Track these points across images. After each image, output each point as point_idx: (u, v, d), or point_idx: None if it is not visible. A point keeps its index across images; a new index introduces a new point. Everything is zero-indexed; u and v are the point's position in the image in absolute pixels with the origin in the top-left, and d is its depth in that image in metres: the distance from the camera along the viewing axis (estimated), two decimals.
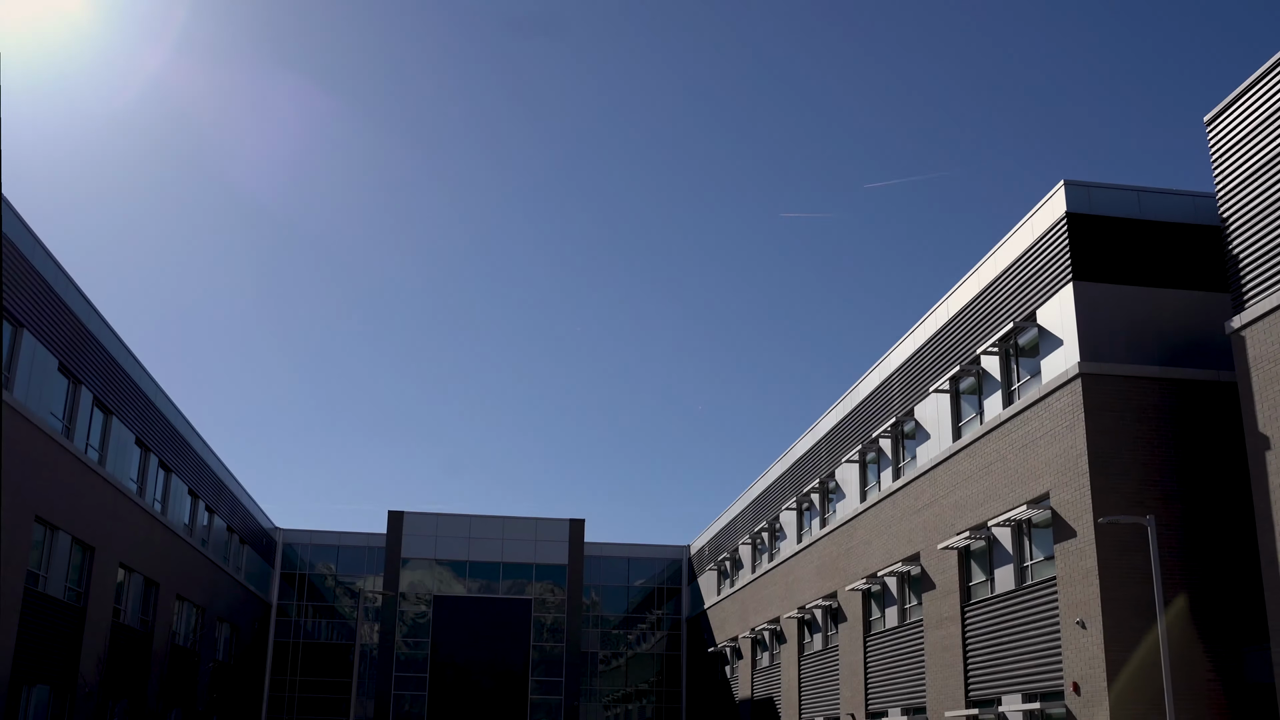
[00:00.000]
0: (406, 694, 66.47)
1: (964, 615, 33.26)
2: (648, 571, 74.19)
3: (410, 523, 68.93)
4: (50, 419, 34.09)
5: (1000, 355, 32.26)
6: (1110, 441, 27.32)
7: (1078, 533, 27.27)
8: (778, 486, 53.14)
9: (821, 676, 45.71)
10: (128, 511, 41.05)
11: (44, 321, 33.32)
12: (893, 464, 39.72)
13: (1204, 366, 28.50)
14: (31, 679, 33.42)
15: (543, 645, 68.43)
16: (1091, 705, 26.19)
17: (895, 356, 39.79)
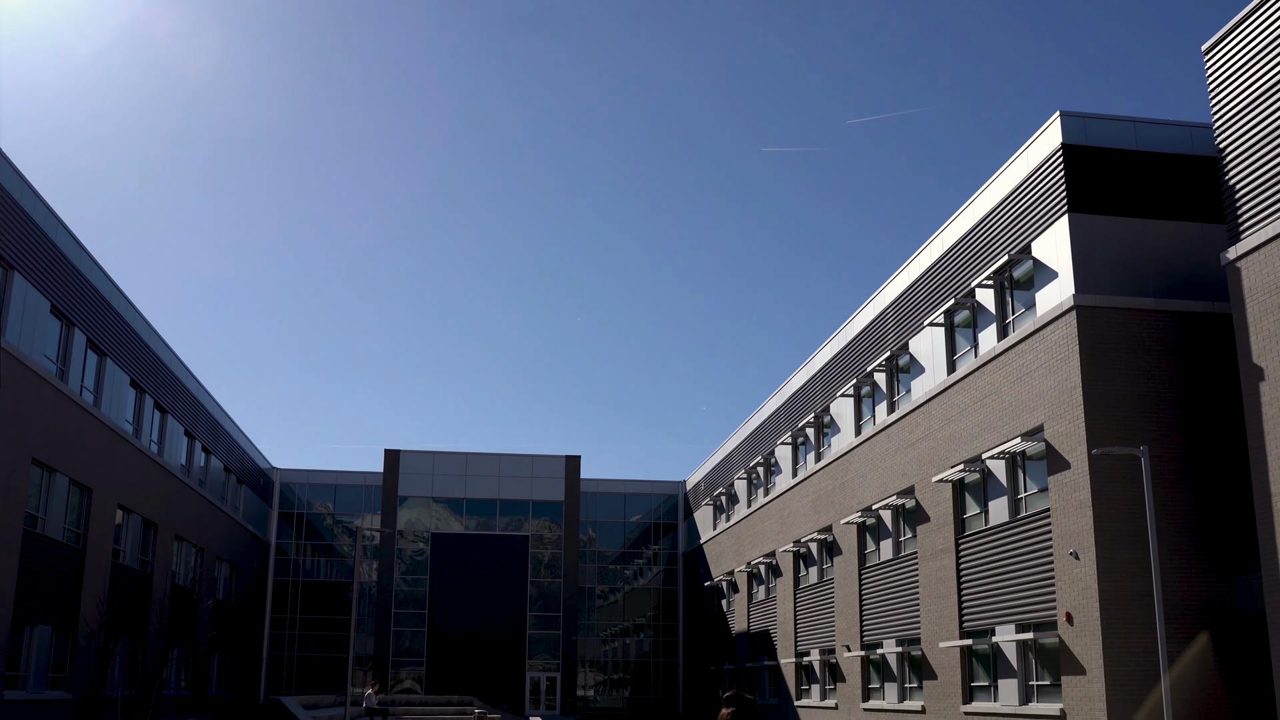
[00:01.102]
0: (406, 630, 67.09)
1: (958, 547, 33.52)
2: (644, 507, 74.63)
3: (406, 461, 69.16)
4: (44, 361, 34.03)
5: (995, 288, 32.22)
6: (1105, 374, 27.38)
7: (1072, 465, 27.40)
8: (772, 422, 53.31)
9: (817, 609, 46.16)
10: (124, 453, 41.12)
11: (35, 263, 33.14)
12: (887, 398, 39.82)
13: (1200, 298, 28.48)
14: (33, 619, 33.65)
15: (540, 581, 68.98)
16: (1084, 635, 26.47)
17: (889, 290, 39.74)
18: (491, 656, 66.67)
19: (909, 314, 37.89)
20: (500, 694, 64.64)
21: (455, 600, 67.19)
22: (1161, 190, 29.33)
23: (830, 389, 45.39)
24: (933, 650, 34.54)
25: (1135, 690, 25.53)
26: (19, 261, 31.94)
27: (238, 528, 60.72)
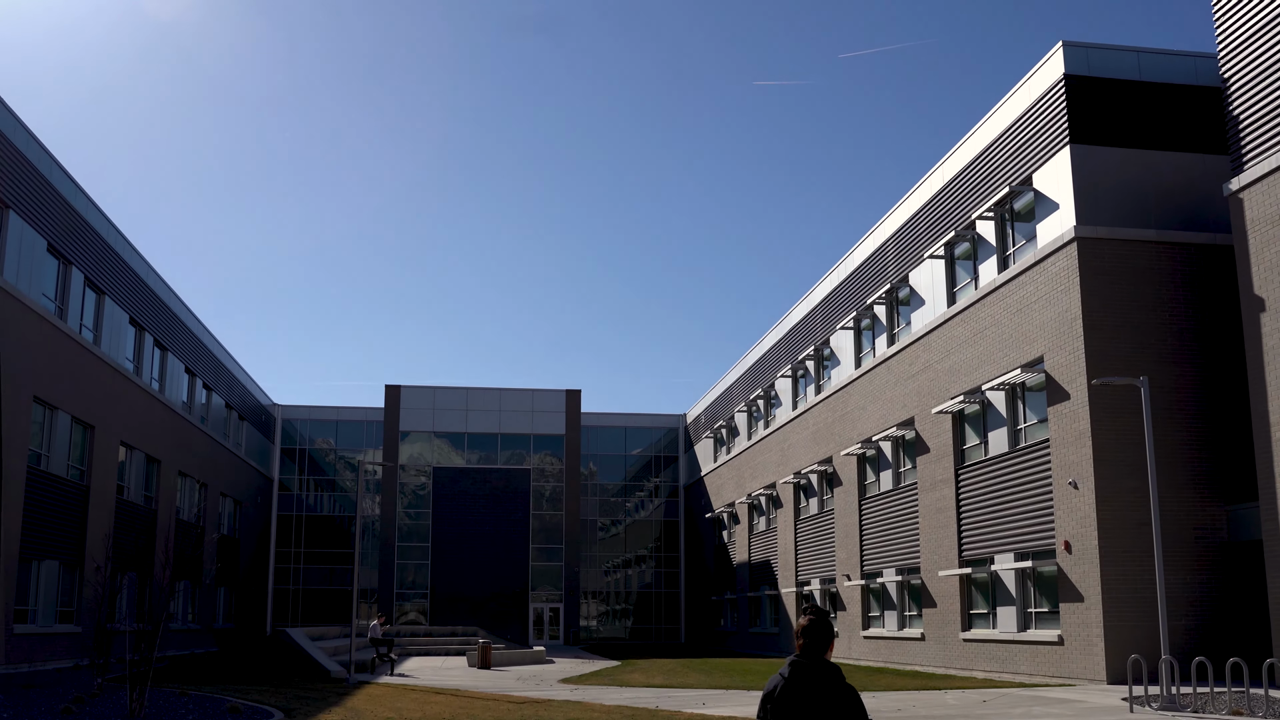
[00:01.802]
0: (410, 563, 67.66)
1: (958, 478, 33.71)
2: (645, 440, 74.92)
3: (407, 396, 69.30)
4: (43, 300, 34.01)
5: (996, 220, 32.10)
6: (1105, 305, 27.36)
7: (1071, 395, 27.48)
8: (773, 355, 53.37)
9: (817, 539, 46.52)
10: (125, 390, 41.23)
11: (30, 202, 33.02)
12: (887, 330, 39.83)
13: (1202, 230, 28.39)
14: (41, 555, 33.95)
15: (542, 514, 69.43)
16: (1082, 563, 26.70)
17: (890, 223, 39.61)
18: (495, 588, 67.24)
19: (909, 247, 37.79)
20: (504, 625, 65.26)
21: (458, 533, 67.61)
22: (1164, 121, 29.13)
23: (830, 322, 45.39)
24: (932, 579, 34.86)
25: (1132, 616, 25.81)
26: (14, 200, 31.81)
27: (240, 464, 61.03)
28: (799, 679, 5.86)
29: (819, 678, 5.84)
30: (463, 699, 24.79)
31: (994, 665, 30.71)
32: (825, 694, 5.81)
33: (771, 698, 5.89)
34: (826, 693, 5.81)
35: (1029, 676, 28.79)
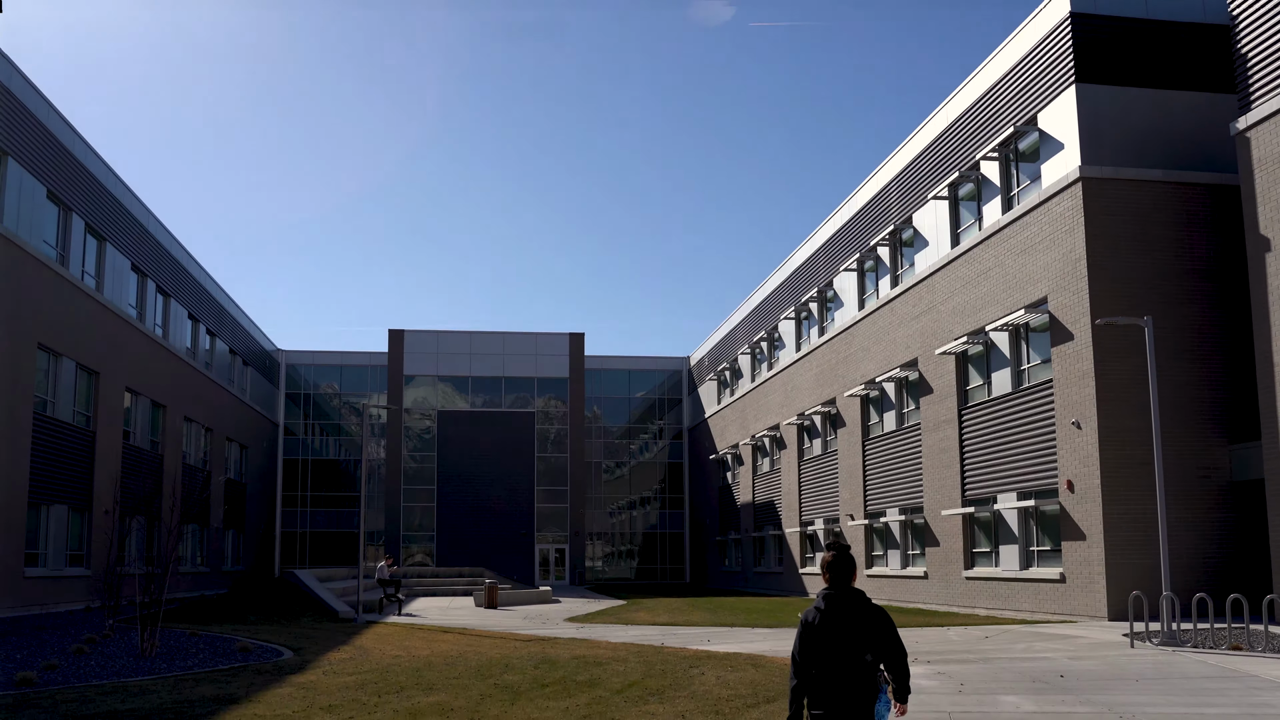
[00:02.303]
0: (416, 506, 68.03)
1: (961, 418, 33.79)
2: (648, 383, 75.02)
3: (411, 341, 69.33)
4: (44, 247, 33.98)
5: (1000, 160, 31.92)
6: (1110, 245, 27.28)
7: (1075, 336, 27.47)
8: (776, 296, 53.30)
9: (821, 480, 46.72)
10: (129, 337, 41.29)
11: (28, 148, 32.89)
12: (891, 271, 39.74)
13: (1207, 169, 28.23)
14: (49, 499, 34.19)
15: (547, 457, 69.69)
16: (1085, 502, 26.83)
17: (894, 164, 39.39)
18: (501, 530, 67.61)
19: (913, 188, 37.60)
20: (510, 566, 65.68)
21: (463, 476, 67.90)
22: (1171, 60, 28.86)
23: (834, 263, 45.28)
24: (935, 518, 35.05)
25: (1133, 555, 25.98)
26: (12, 147, 31.69)
27: (246, 409, 61.22)
28: (833, 608, 6.54)
29: (850, 604, 6.52)
30: (470, 637, 25.06)
31: (996, 603, 30.96)
32: (858, 616, 6.49)
33: (811, 627, 6.53)
34: (859, 615, 6.50)
35: (1031, 614, 29.03)
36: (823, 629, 6.49)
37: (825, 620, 6.51)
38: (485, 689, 15.09)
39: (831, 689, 6.42)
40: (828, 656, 6.46)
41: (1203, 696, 13.72)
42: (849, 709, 6.38)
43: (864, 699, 6.41)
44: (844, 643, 6.43)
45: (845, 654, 6.42)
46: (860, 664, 6.43)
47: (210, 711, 13.04)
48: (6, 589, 31.06)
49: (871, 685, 6.46)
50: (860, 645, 6.45)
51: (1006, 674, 16.14)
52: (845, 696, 6.39)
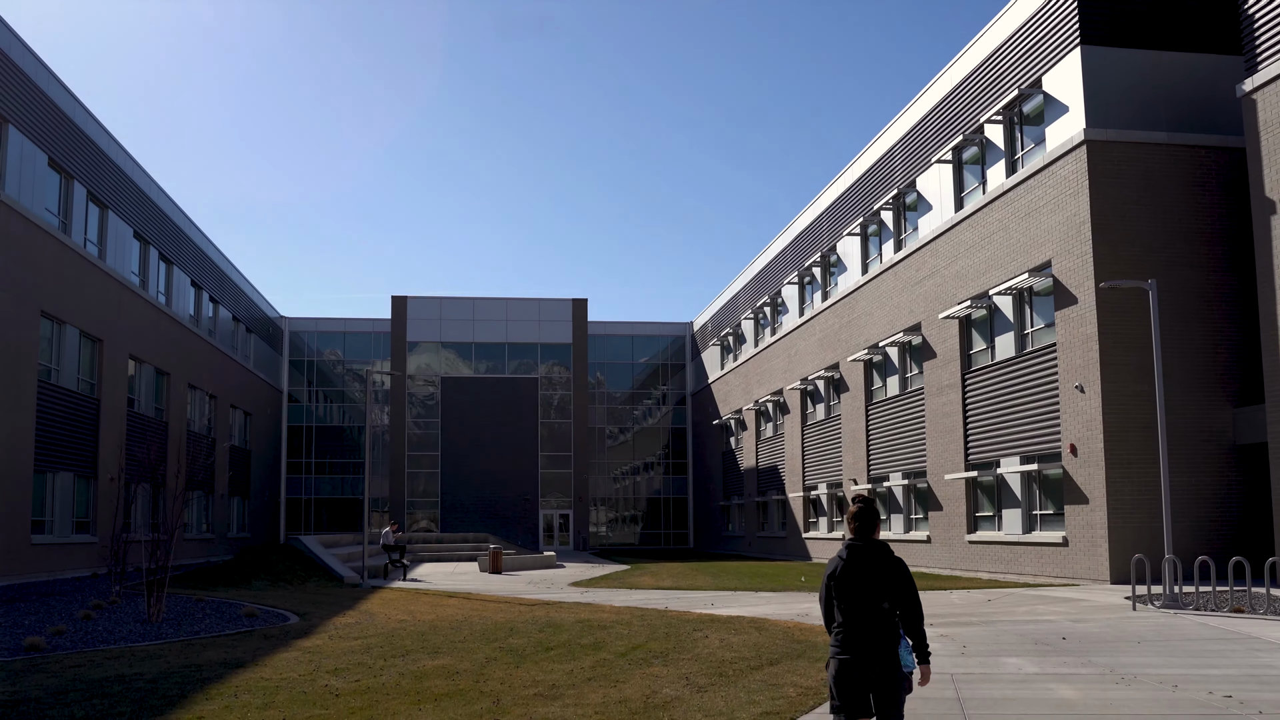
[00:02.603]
0: (420, 472, 68.22)
1: (964, 382, 33.78)
2: (651, 349, 74.99)
3: (414, 307, 69.30)
4: (46, 215, 33.93)
5: (1004, 123, 31.77)
6: (1114, 208, 27.19)
7: (1079, 299, 27.42)
8: (779, 261, 53.19)
9: (824, 444, 46.79)
10: (132, 304, 41.28)
11: (29, 116, 32.79)
12: (894, 236, 39.63)
13: (1213, 132, 28.09)
14: (54, 466, 34.29)
15: (551, 423, 69.78)
16: (1088, 466, 26.87)
17: (897, 128, 39.21)
18: (505, 496, 67.87)
19: (917, 151, 37.45)
20: (514, 532, 65.99)
21: (467, 442, 68.09)
22: (1177, 21, 28.65)
23: (837, 228, 45.16)
24: (938, 483, 35.12)
25: (1136, 518, 26.05)
26: (13, 114, 31.58)
27: (249, 376, 61.28)
28: (855, 557, 6.90)
29: (872, 555, 6.88)
30: (475, 602, 25.18)
31: (999, 567, 31.06)
32: (878, 566, 6.84)
33: (834, 576, 6.91)
34: (879, 565, 6.84)
35: (1033, 577, 29.14)
36: (844, 577, 6.87)
37: (847, 569, 6.88)
38: (490, 652, 15.18)
39: (853, 633, 6.79)
40: (849, 603, 6.83)
41: (1204, 658, 13.78)
42: (870, 652, 6.73)
43: (884, 643, 6.75)
44: (864, 590, 6.80)
45: (865, 601, 6.79)
46: (879, 611, 6.79)
47: (217, 675, 13.13)
48: (13, 556, 31.21)
49: (891, 631, 6.80)
50: (879, 593, 6.80)
51: (1009, 636, 16.22)
52: (866, 640, 6.75)
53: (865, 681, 6.75)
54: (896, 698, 6.76)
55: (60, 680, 12.78)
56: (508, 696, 11.43)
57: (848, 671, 6.75)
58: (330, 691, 11.87)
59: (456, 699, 11.31)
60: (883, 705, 6.75)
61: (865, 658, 6.74)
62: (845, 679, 6.77)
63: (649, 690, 11.71)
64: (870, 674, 6.73)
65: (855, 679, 6.75)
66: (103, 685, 12.37)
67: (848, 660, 6.76)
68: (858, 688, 6.76)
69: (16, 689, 12.11)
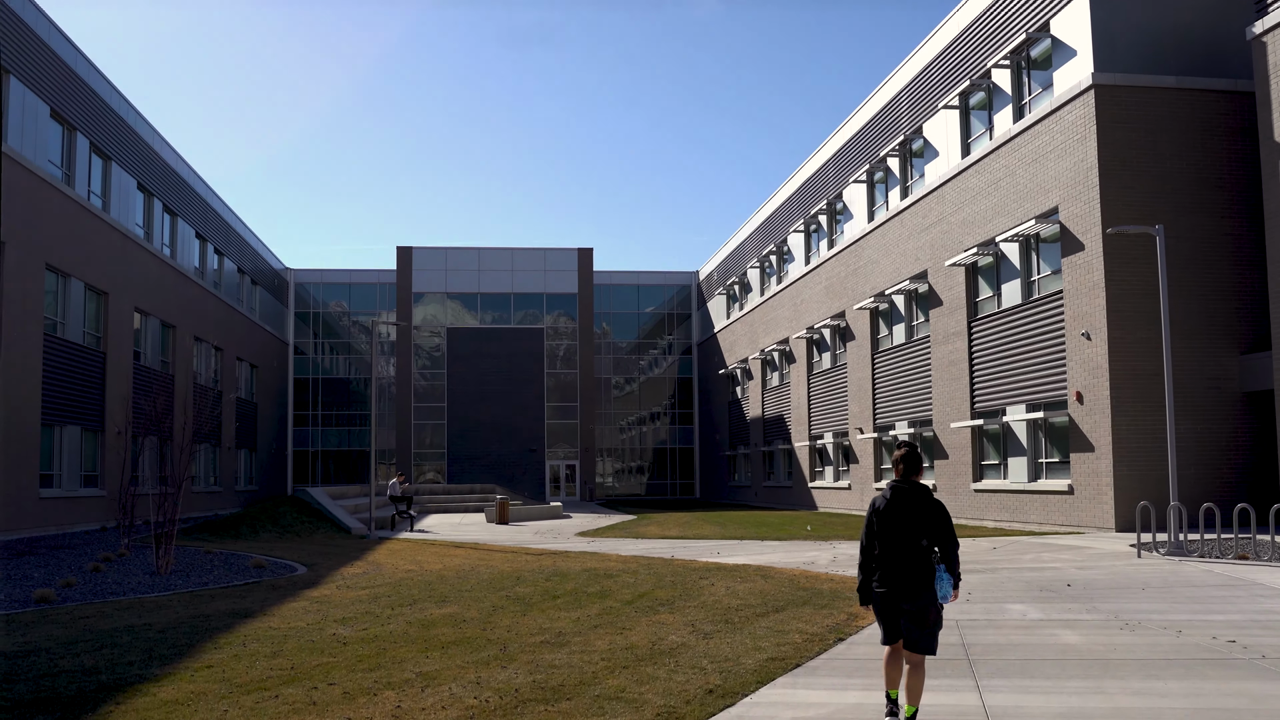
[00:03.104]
0: (427, 424, 68.34)
1: (970, 330, 33.70)
2: (657, 298, 74.84)
3: (419, 258, 69.13)
4: (49, 167, 33.79)
5: (1012, 68, 31.47)
6: (1122, 154, 26.98)
7: (1085, 246, 27.27)
8: (785, 209, 52.95)
9: (830, 393, 46.78)
10: (137, 257, 41.21)
11: (30, 66, 32.56)
12: (900, 183, 39.40)
13: (1222, 75, 27.81)
14: (62, 420, 34.38)
15: (557, 373, 69.78)
16: (1094, 413, 26.84)
17: (904, 73, 38.85)
18: (511, 447, 68.04)
19: (923, 97, 37.13)
20: (521, 483, 66.21)
21: (474, 393, 68.16)
22: None
23: (843, 175, 44.90)
24: (944, 431, 35.13)
25: (1141, 466, 26.06)
26: (14, 65, 31.36)
27: (255, 328, 61.28)
28: (898, 497, 7.64)
29: (913, 495, 7.61)
30: (481, 551, 25.30)
31: (1005, 515, 31.13)
32: (918, 506, 7.57)
33: (878, 512, 7.66)
34: (919, 505, 7.57)
35: (1039, 525, 29.21)
36: (887, 514, 7.61)
37: (890, 507, 7.62)
38: (497, 601, 15.25)
39: (892, 567, 7.53)
40: (890, 538, 7.57)
41: (1208, 604, 13.81)
42: (907, 584, 7.46)
43: (921, 576, 7.46)
44: (904, 527, 7.54)
45: (905, 537, 7.52)
46: (917, 547, 7.51)
47: (226, 625, 13.20)
48: (23, 510, 31.37)
49: (928, 566, 7.51)
50: (918, 530, 7.51)
51: (1013, 584, 16.27)
52: (904, 573, 7.49)
53: (899, 609, 7.52)
54: (928, 626, 7.48)
55: (70, 631, 12.87)
56: (515, 644, 11.49)
57: (886, 602, 7.58)
58: (338, 640, 11.94)
59: (464, 646, 11.37)
60: (915, 632, 7.49)
61: (899, 589, 7.48)
62: (885, 608, 7.61)
63: (655, 637, 11.77)
64: (903, 603, 7.49)
65: (893, 608, 7.57)
66: (112, 635, 12.46)
67: (885, 593, 7.56)
68: (894, 615, 7.58)
69: (27, 640, 12.20)
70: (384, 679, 9.68)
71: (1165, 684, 9.16)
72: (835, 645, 11.25)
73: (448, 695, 8.96)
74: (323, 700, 8.85)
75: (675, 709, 8.42)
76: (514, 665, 10.26)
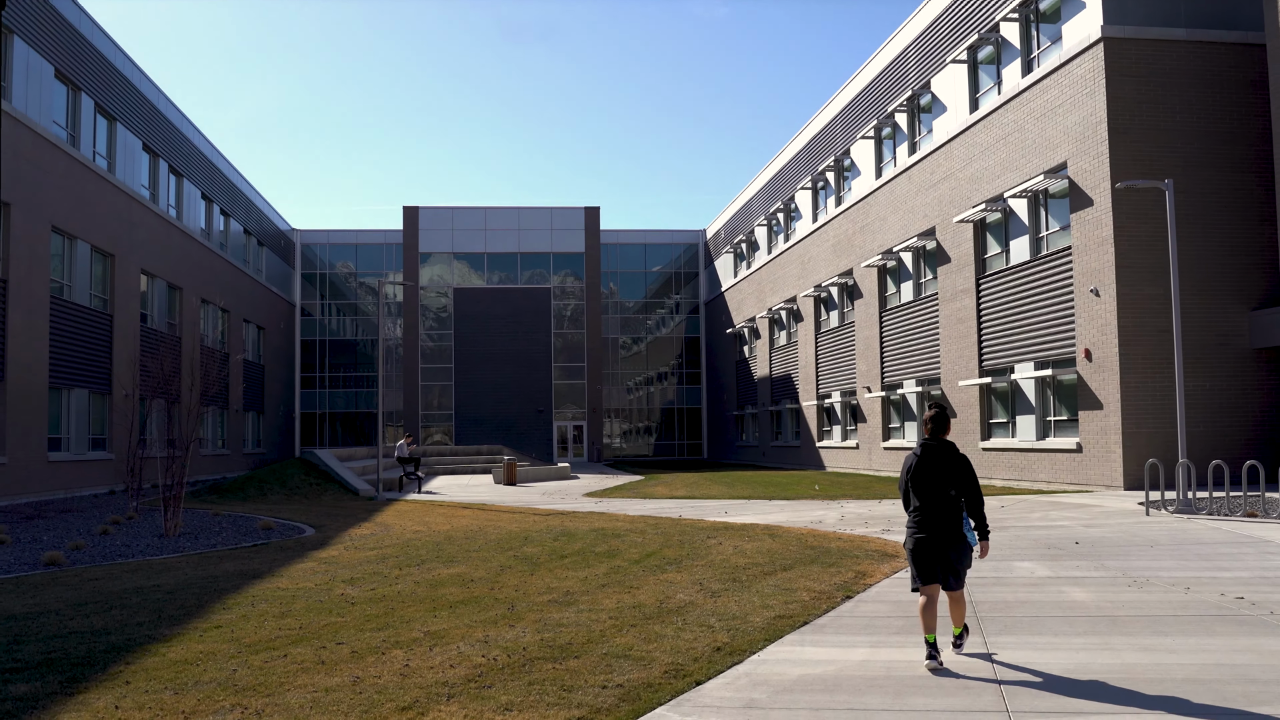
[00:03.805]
0: (434, 385, 68.41)
1: (979, 287, 33.55)
2: (664, 257, 74.62)
3: (426, 217, 68.94)
4: (54, 128, 33.66)
5: (1020, 21, 31.15)
6: (1131, 108, 26.74)
7: (1094, 201, 27.09)
8: (792, 167, 52.67)
9: (838, 352, 46.70)
10: (143, 218, 41.12)
11: (34, 27, 32.37)
12: (908, 139, 39.12)
13: (1233, 28, 27.50)
14: (69, 383, 34.44)
15: (564, 333, 69.73)
16: (1103, 370, 26.75)
17: (911, 27, 38.49)
18: (519, 408, 68.13)
19: (931, 51, 36.81)
20: (528, 444, 66.34)
21: (481, 354, 68.19)
22: None
23: (850, 131, 44.60)
24: (952, 389, 35.06)
25: (1150, 423, 25.99)
26: (18, 25, 31.17)
27: (261, 289, 61.23)
28: (928, 453, 8.65)
29: (942, 452, 8.63)
30: (489, 512, 25.35)
31: (1013, 474, 31.11)
32: (947, 462, 8.58)
33: (911, 469, 8.64)
34: (948, 461, 8.59)
35: (1047, 484, 29.19)
36: (919, 469, 8.61)
37: (921, 462, 8.62)
38: (505, 561, 15.28)
39: (927, 514, 8.55)
40: (922, 489, 8.58)
41: (1216, 561, 13.79)
42: (941, 528, 8.50)
43: (952, 521, 8.50)
44: (935, 480, 8.54)
45: (935, 488, 8.53)
46: (946, 496, 8.52)
47: (234, 586, 13.24)
48: (31, 474, 31.48)
49: (957, 511, 8.53)
50: (946, 482, 8.52)
51: (1022, 541, 16.25)
52: (937, 519, 8.51)
53: (937, 554, 8.52)
54: (961, 567, 8.58)
55: (79, 593, 12.91)
56: (522, 603, 11.50)
57: (924, 546, 8.55)
58: (346, 600, 11.96)
59: (472, 606, 11.39)
60: (949, 572, 8.55)
61: (937, 535, 8.50)
62: (922, 552, 8.57)
63: (663, 595, 11.77)
64: (941, 547, 8.50)
65: (929, 552, 8.54)
66: (121, 597, 12.49)
67: (924, 538, 8.55)
68: (931, 559, 8.55)
69: (37, 601, 12.24)
70: (392, 638, 9.69)
71: (1173, 640, 9.15)
72: (843, 603, 11.25)
73: (456, 654, 8.97)
74: (331, 659, 8.86)
75: (683, 666, 8.42)
76: (522, 624, 10.27)
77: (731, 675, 8.23)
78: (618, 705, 7.34)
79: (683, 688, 7.83)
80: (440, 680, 8.07)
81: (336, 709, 7.31)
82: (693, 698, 7.61)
